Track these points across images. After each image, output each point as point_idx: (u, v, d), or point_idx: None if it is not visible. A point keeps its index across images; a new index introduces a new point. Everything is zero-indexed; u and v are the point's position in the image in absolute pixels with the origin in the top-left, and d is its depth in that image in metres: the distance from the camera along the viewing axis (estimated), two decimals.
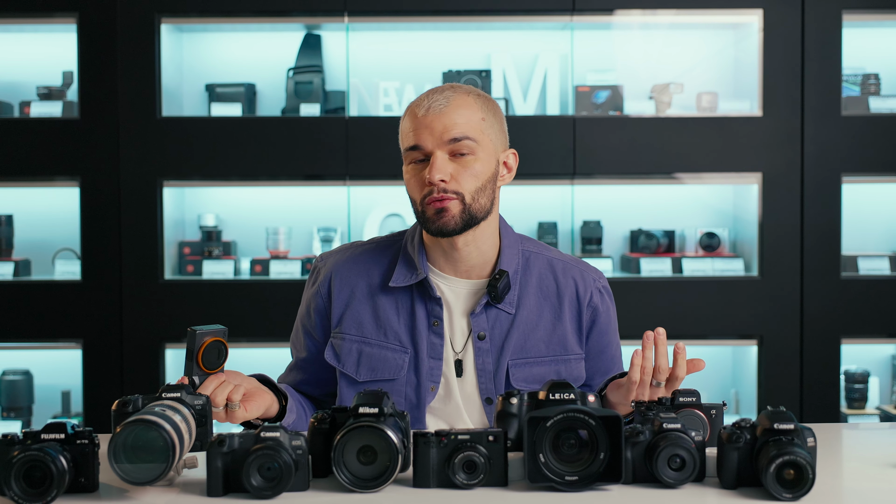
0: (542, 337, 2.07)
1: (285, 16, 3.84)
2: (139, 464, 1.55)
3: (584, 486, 1.59)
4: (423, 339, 2.04)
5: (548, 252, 2.14)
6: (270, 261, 3.84)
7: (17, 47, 4.04)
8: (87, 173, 3.74)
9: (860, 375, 3.89)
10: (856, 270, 3.85)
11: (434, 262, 2.07)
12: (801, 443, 1.59)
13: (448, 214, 1.96)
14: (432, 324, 2.05)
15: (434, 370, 2.03)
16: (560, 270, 2.11)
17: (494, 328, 2.05)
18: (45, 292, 3.76)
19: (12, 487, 1.53)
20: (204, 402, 1.74)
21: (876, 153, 3.79)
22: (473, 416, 2.05)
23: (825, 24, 3.76)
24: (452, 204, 1.96)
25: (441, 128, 1.96)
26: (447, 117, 1.97)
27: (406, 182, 2.03)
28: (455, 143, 1.96)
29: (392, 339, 2.05)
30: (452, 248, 2.03)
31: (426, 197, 1.97)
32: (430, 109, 1.98)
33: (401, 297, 2.07)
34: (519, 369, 2.04)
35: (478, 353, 2.04)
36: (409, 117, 2.01)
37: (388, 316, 2.06)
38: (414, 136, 1.98)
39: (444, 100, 1.98)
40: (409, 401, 2.03)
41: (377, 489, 1.60)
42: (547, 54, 3.99)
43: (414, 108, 2.01)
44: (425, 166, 1.98)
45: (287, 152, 3.76)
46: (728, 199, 4.09)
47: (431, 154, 1.97)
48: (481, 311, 2.05)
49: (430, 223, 1.98)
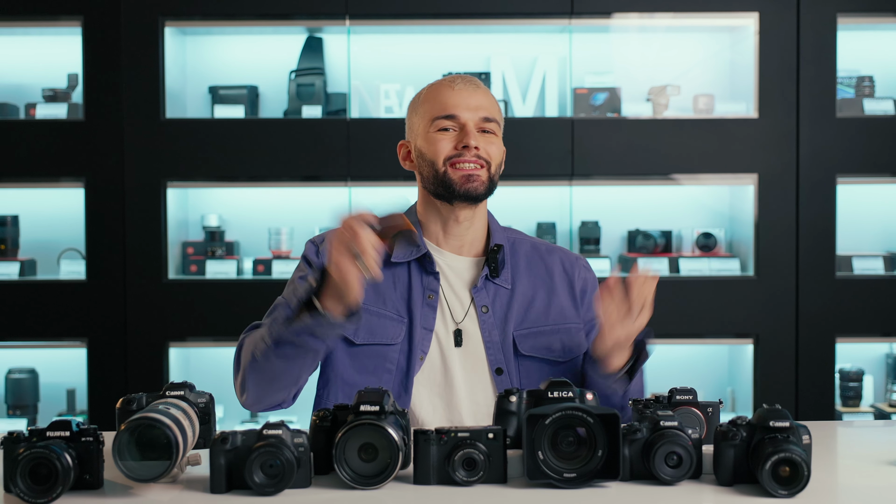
0: (541, 309, 2.13)
1: (287, 19, 3.86)
2: (143, 461, 1.56)
3: (582, 482, 1.60)
4: (419, 310, 2.09)
5: (530, 238, 2.24)
6: (273, 261, 3.86)
7: (23, 50, 4.05)
8: (92, 174, 3.76)
9: (855, 374, 3.90)
10: (850, 270, 3.86)
11: (431, 237, 2.15)
12: (796, 440, 1.60)
13: (478, 180, 2.07)
14: (427, 297, 2.10)
15: (424, 340, 2.08)
16: (545, 251, 2.21)
17: (495, 302, 2.11)
18: (51, 292, 3.78)
19: (18, 484, 1.53)
20: (207, 400, 1.76)
21: (870, 154, 3.81)
22: (476, 387, 2.07)
23: (820, 27, 3.78)
24: (482, 172, 2.07)
25: (476, 104, 2.10)
26: (480, 97, 2.12)
27: (424, 148, 2.11)
28: (486, 122, 2.10)
29: (390, 307, 2.09)
30: (455, 222, 2.12)
31: (451, 159, 2.07)
32: (465, 86, 2.11)
33: (398, 272, 2.12)
34: (525, 340, 2.10)
35: (483, 325, 2.09)
36: (443, 90, 2.12)
37: (387, 287, 2.11)
38: (449, 106, 2.09)
39: (473, 82, 2.14)
40: (399, 368, 2.06)
41: (378, 486, 1.62)
42: (545, 57, 4.01)
43: (447, 83, 2.13)
44: (453, 135, 2.08)
45: (289, 153, 3.79)
46: (724, 200, 4.11)
47: (464, 126, 2.08)
48: (482, 285, 2.11)
49: (455, 185, 2.07)
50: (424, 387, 2.08)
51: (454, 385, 2.07)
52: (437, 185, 2.09)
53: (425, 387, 2.08)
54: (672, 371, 4.00)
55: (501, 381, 2.07)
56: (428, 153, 2.09)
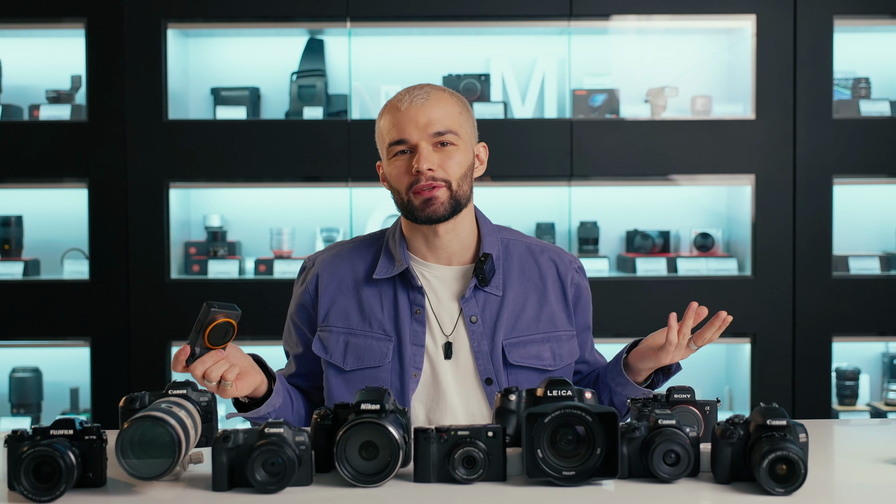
0: (531, 316, 2.11)
1: (289, 21, 3.87)
2: (146, 459, 1.57)
3: (580, 480, 1.61)
4: (406, 327, 2.08)
5: (525, 238, 2.21)
6: (274, 260, 3.88)
7: (27, 52, 4.06)
8: (95, 175, 3.77)
9: (851, 373, 3.90)
10: (847, 270, 3.87)
11: (416, 251, 2.13)
12: (793, 439, 1.60)
13: (437, 202, 2.02)
14: (415, 312, 2.09)
15: (416, 356, 2.07)
16: (538, 253, 2.18)
17: (485, 311, 2.09)
18: (54, 291, 3.79)
19: (22, 482, 1.54)
20: (209, 399, 1.76)
21: (866, 155, 3.82)
22: (470, 398, 2.07)
23: (817, 29, 3.79)
24: (441, 192, 2.02)
25: (425, 120, 2.03)
26: (429, 111, 2.04)
27: (388, 175, 2.08)
28: (438, 135, 2.03)
29: (376, 328, 2.09)
30: (434, 236, 2.09)
31: (412, 186, 2.03)
32: (412, 103, 2.04)
33: (384, 289, 2.11)
34: (514, 349, 2.08)
35: (472, 336, 2.08)
36: (390, 113, 2.07)
37: (373, 307, 2.10)
38: (397, 130, 2.04)
39: (423, 94, 2.06)
40: (394, 388, 2.06)
41: (379, 484, 1.62)
42: (545, 59, 4.02)
43: (395, 103, 2.07)
44: (409, 158, 2.04)
45: (290, 154, 3.80)
46: (722, 201, 4.12)
47: (416, 146, 2.03)
48: (471, 295, 2.09)
49: (417, 212, 2.03)
50: (421, 402, 2.08)
51: (447, 398, 2.07)
52: (405, 211, 2.07)
53: (421, 402, 2.08)
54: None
55: (491, 391, 2.06)
56: (393, 182, 2.07)
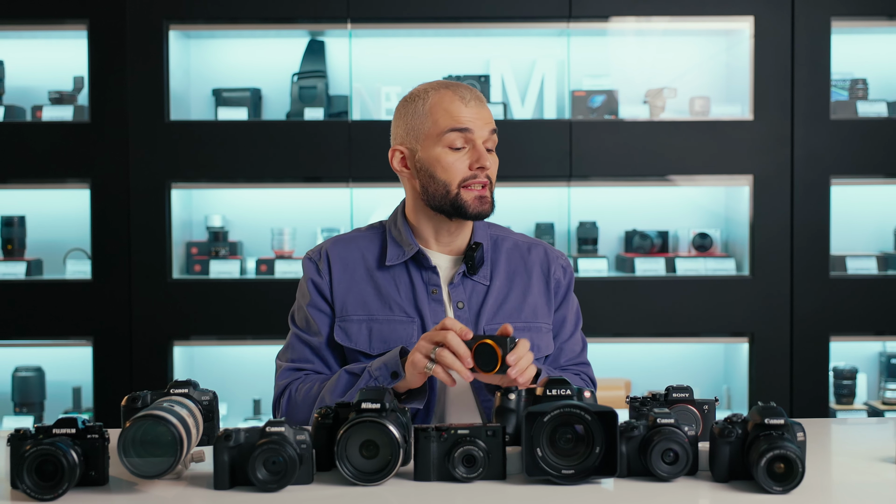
0: (515, 305, 2.15)
1: (290, 22, 3.87)
2: (148, 458, 1.57)
3: (580, 479, 1.62)
4: (426, 306, 2.10)
5: (513, 234, 2.25)
6: (275, 260, 3.89)
7: (30, 53, 4.07)
8: (98, 175, 3.78)
9: (848, 372, 3.91)
10: (844, 270, 3.88)
11: (421, 239, 2.15)
12: (790, 437, 1.60)
13: (487, 202, 2.08)
14: (431, 292, 2.12)
15: None
16: (526, 248, 2.22)
17: (471, 298, 2.13)
18: (57, 291, 3.80)
19: (25, 480, 1.55)
20: (211, 398, 1.77)
21: (864, 156, 3.83)
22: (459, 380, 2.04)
23: (814, 31, 3.80)
24: (489, 191, 2.09)
25: (486, 118, 2.09)
26: (487, 111, 2.11)
27: (434, 162, 2.07)
28: (494, 133, 2.10)
29: (398, 311, 2.11)
30: (448, 233, 2.13)
31: (465, 181, 2.06)
32: (475, 100, 2.09)
33: (398, 273, 2.14)
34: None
35: (459, 320, 2.08)
36: (455, 102, 2.07)
37: (390, 291, 2.12)
38: (466, 120, 2.06)
39: (479, 96, 2.11)
40: None
41: (379, 482, 1.63)
42: (544, 60, 4.03)
43: (456, 96, 2.08)
44: (464, 154, 2.07)
45: (291, 155, 3.81)
46: (720, 201, 4.13)
47: (473, 142, 2.07)
48: (459, 282, 2.13)
49: (467, 207, 2.06)
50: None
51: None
52: (447, 204, 2.08)
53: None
54: (669, 369, 4.05)
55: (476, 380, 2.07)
56: (440, 174, 2.07)
